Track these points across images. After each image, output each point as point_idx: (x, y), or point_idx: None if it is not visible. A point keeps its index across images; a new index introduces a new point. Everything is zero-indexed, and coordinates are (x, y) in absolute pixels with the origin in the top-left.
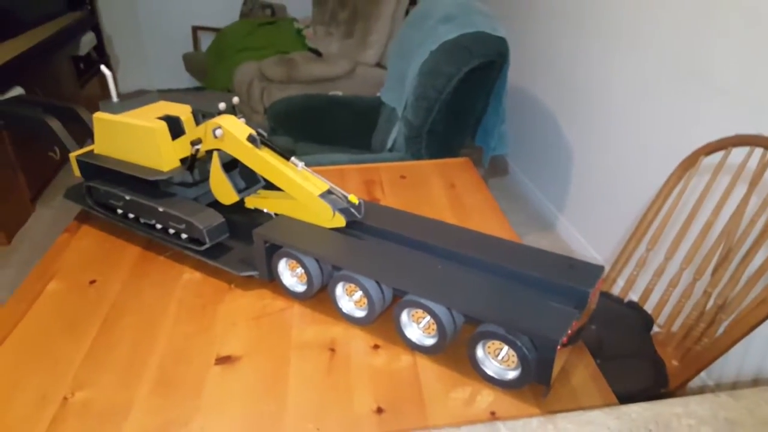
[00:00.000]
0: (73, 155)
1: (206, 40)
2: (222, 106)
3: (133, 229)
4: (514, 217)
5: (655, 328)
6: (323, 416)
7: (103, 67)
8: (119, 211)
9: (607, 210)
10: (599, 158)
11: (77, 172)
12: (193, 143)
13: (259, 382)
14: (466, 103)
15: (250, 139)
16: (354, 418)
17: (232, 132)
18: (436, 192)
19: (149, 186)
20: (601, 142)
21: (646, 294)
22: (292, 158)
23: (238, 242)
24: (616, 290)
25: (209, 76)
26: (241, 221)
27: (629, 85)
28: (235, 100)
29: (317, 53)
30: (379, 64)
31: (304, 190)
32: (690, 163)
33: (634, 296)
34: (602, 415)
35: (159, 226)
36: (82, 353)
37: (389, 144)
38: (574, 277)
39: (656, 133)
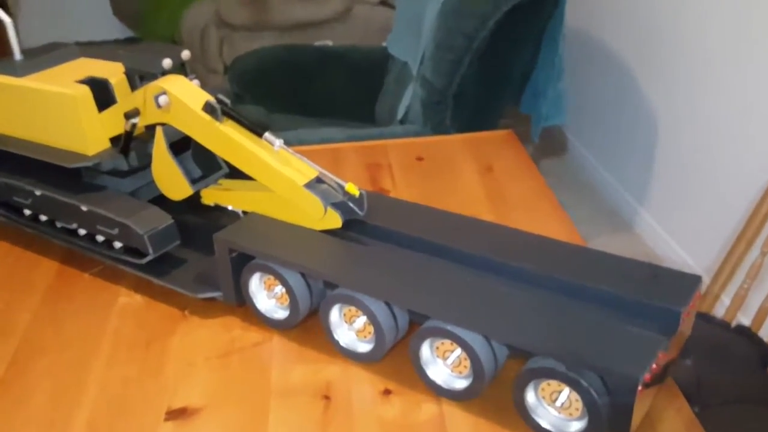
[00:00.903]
0: None
1: None
2: (167, 63)
3: (48, 237)
4: (576, 211)
5: None
6: None
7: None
8: (27, 211)
9: (705, 202)
10: (694, 131)
11: None
12: (128, 116)
13: None
14: (507, 54)
15: (208, 108)
16: None
17: (182, 99)
18: (467, 178)
19: (68, 176)
20: (697, 110)
21: (761, 315)
22: (266, 134)
23: (194, 252)
24: (719, 311)
25: (146, 23)
26: (196, 223)
27: (738, 33)
28: (185, 54)
29: None
30: (385, 2)
31: (283, 177)
32: None
33: (744, 319)
34: None
35: (83, 231)
36: None
37: (401, 113)
38: (659, 291)
39: None
